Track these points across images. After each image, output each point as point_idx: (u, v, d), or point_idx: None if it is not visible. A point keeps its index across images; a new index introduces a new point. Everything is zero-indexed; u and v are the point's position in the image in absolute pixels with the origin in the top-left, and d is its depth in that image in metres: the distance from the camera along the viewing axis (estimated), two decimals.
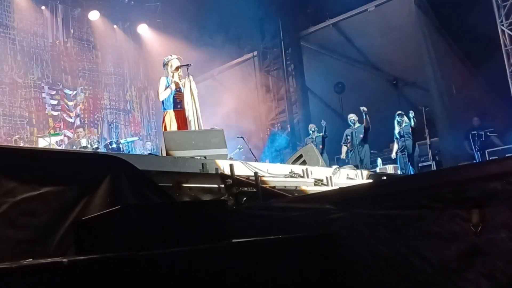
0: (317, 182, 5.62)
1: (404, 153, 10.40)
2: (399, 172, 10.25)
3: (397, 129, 10.59)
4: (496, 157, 8.32)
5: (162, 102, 7.26)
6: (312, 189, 5.41)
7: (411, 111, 10.57)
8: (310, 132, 11.98)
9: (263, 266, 2.38)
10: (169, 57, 7.45)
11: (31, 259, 2.20)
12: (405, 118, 10.51)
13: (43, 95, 13.06)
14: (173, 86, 7.12)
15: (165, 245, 2.14)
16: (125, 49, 15.41)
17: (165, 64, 7.45)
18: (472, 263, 2.27)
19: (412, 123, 10.41)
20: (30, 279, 1.64)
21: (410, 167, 10.37)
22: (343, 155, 11.34)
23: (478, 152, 10.42)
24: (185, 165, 4.59)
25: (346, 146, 11.22)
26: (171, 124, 7.07)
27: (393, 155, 11.03)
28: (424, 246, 2.44)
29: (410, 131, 10.45)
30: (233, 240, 2.50)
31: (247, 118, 14.51)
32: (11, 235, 2.62)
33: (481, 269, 2.24)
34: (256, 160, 10.18)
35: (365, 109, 10.60)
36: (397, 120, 10.52)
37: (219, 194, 4.53)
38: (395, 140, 10.77)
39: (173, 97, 7.18)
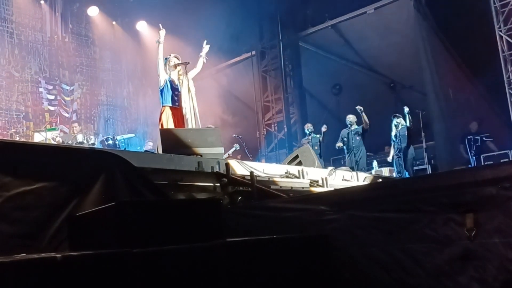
0: (313, 183, 5.62)
1: (400, 156, 10.36)
2: (394, 175, 10.20)
3: (393, 132, 10.53)
4: (491, 162, 8.36)
5: (161, 95, 7.23)
6: (307, 190, 5.42)
7: (405, 107, 10.36)
8: (307, 132, 11.58)
9: (256, 265, 2.38)
10: (168, 56, 7.48)
11: (24, 254, 2.19)
12: (402, 121, 10.45)
13: (40, 89, 13.01)
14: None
15: (159, 242, 2.14)
16: (124, 45, 15.36)
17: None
18: (465, 267, 2.28)
19: (408, 123, 10.28)
20: (24, 274, 1.63)
21: (405, 171, 10.36)
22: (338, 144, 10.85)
23: (474, 157, 10.45)
24: (180, 163, 4.59)
25: (341, 144, 10.82)
26: (168, 122, 7.06)
27: (390, 158, 10.86)
28: (418, 249, 2.45)
29: (406, 134, 10.41)
30: (227, 239, 2.51)
31: (244, 118, 14.50)
32: (4, 229, 2.61)
33: (474, 273, 2.25)
34: (252, 160, 10.19)
35: (361, 108, 10.32)
36: (394, 124, 10.47)
37: (214, 193, 4.53)
38: (392, 143, 10.71)
39: (171, 90, 7.17)
